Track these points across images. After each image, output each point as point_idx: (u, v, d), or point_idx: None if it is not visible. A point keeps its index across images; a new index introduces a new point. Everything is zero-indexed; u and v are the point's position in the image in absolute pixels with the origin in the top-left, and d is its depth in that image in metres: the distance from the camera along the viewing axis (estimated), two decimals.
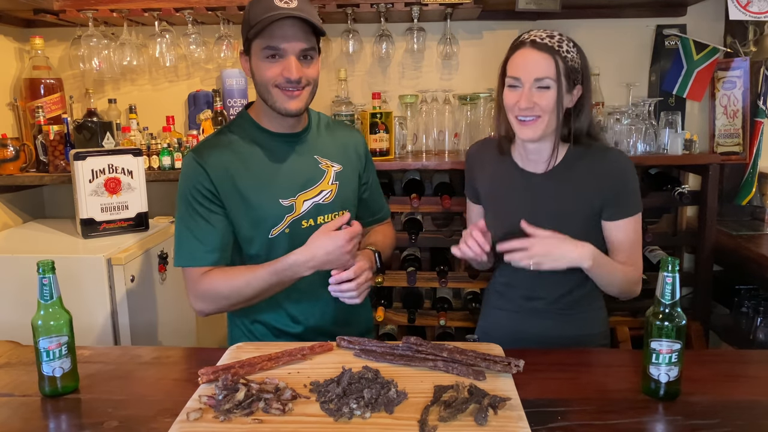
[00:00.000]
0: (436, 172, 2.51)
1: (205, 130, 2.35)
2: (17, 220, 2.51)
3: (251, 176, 1.43)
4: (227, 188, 1.42)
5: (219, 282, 1.40)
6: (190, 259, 1.42)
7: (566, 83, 1.38)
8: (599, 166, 1.44)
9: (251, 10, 1.37)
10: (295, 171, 1.47)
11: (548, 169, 1.47)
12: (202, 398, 1.09)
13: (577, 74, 1.40)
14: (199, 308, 1.44)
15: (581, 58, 1.41)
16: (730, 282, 2.44)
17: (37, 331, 1.16)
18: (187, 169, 1.44)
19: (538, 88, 1.37)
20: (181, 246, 1.44)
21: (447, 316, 2.39)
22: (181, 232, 1.45)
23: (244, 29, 1.39)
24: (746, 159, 2.52)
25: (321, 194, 1.49)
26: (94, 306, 1.93)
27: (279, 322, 1.52)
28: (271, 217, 1.44)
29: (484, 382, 1.14)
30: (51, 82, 2.42)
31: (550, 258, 1.34)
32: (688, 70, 2.50)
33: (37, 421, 1.11)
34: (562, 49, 1.37)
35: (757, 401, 1.13)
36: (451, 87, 2.56)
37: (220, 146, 1.45)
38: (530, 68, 1.36)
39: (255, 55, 1.38)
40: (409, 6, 2.29)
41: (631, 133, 2.33)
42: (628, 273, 1.44)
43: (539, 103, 1.37)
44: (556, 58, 1.35)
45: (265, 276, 1.38)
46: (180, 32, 2.45)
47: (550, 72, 1.35)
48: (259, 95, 1.43)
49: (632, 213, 1.44)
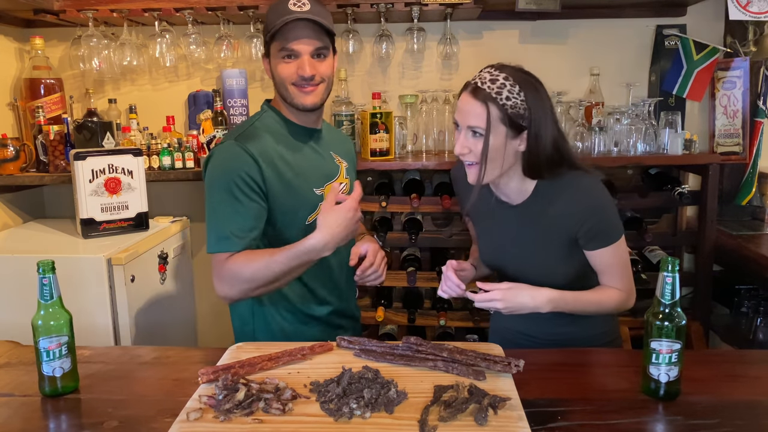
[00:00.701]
0: (436, 172, 2.51)
1: (205, 130, 2.36)
2: (17, 220, 2.51)
3: (291, 165, 1.51)
4: (273, 175, 1.46)
5: (241, 264, 1.41)
6: (222, 244, 1.43)
7: (506, 129, 1.33)
8: (570, 199, 1.40)
9: (269, 16, 1.49)
10: (320, 163, 1.59)
11: (518, 203, 1.47)
12: (202, 398, 1.09)
13: (523, 120, 1.33)
14: (222, 293, 1.44)
15: (528, 100, 1.33)
16: (730, 282, 2.44)
17: (37, 331, 1.16)
18: (232, 156, 1.45)
19: (473, 134, 1.35)
20: (214, 231, 1.44)
21: (447, 316, 2.39)
22: (215, 217, 1.44)
23: (264, 34, 1.52)
24: (746, 159, 2.52)
25: (341, 186, 1.63)
26: (94, 306, 1.93)
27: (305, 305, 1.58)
28: (309, 204, 1.53)
29: (484, 382, 1.14)
30: (51, 82, 2.42)
31: (509, 309, 1.35)
32: (688, 70, 2.50)
33: (37, 421, 1.11)
34: (500, 96, 1.31)
35: (757, 401, 1.13)
36: (451, 87, 2.56)
37: (260, 135, 1.50)
38: (464, 115, 1.36)
39: (273, 57, 1.50)
40: (409, 6, 2.29)
41: (631, 133, 2.33)
42: (611, 297, 1.44)
43: (473, 149, 1.36)
44: (490, 106, 1.31)
45: (283, 259, 1.40)
46: (180, 32, 2.45)
47: (480, 121, 1.32)
48: (279, 94, 1.55)
49: (611, 242, 1.41)
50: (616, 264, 1.44)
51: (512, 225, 1.48)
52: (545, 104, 1.36)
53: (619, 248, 1.43)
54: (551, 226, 1.42)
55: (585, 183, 1.41)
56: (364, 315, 2.41)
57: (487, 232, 1.57)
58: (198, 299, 2.62)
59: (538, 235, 1.44)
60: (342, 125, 2.35)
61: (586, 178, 1.42)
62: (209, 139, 2.34)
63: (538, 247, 1.45)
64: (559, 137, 1.40)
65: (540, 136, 1.35)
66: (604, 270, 1.44)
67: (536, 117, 1.34)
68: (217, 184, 1.44)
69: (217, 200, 1.44)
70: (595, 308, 1.44)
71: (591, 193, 1.40)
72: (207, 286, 2.65)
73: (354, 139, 2.38)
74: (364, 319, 2.41)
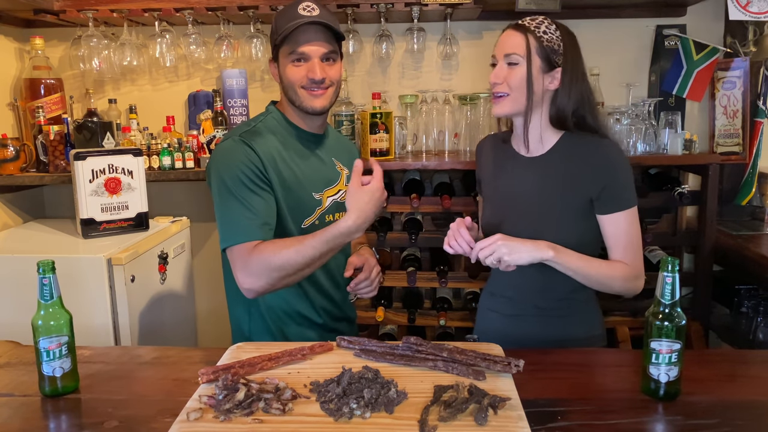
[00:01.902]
0: (436, 172, 2.51)
1: (205, 130, 2.36)
2: (17, 220, 2.51)
3: (291, 167, 1.51)
4: (274, 175, 1.46)
5: (270, 253, 1.36)
6: (242, 235, 1.39)
7: (541, 62, 1.40)
8: (589, 157, 1.43)
9: (277, 21, 1.49)
10: (321, 169, 1.59)
11: (529, 150, 1.49)
12: (202, 398, 1.09)
13: (557, 56, 1.41)
14: (249, 285, 1.38)
15: (565, 41, 1.42)
16: (730, 282, 2.44)
17: (37, 331, 1.16)
18: (235, 151, 1.44)
19: (508, 64, 1.42)
20: (230, 224, 1.41)
21: (447, 316, 2.39)
22: (230, 210, 1.41)
23: (272, 39, 1.52)
24: (746, 159, 2.52)
25: (339, 193, 1.60)
26: (94, 306, 1.93)
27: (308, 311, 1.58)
28: (307, 208, 1.53)
29: (484, 382, 1.14)
30: (51, 82, 2.42)
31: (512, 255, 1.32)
32: (687, 70, 2.50)
33: (37, 421, 1.11)
34: (538, 30, 1.40)
35: (757, 401, 1.13)
36: (451, 87, 2.56)
37: (263, 134, 1.50)
38: (502, 46, 1.44)
39: (282, 61, 1.50)
40: (409, 6, 2.29)
41: (631, 133, 2.33)
42: (617, 269, 1.42)
43: (508, 79, 1.41)
44: (528, 36, 1.39)
45: (316, 244, 1.38)
46: (180, 32, 2.45)
47: (518, 48, 1.40)
48: (287, 97, 1.54)
49: (624, 207, 1.42)
50: (628, 234, 1.43)
51: (527, 176, 1.48)
52: (579, 54, 1.45)
53: (632, 217, 1.43)
54: (569, 181, 1.43)
55: (607, 144, 1.45)
56: (364, 315, 2.41)
57: (497, 187, 1.56)
58: (198, 299, 2.62)
59: (553, 189, 1.45)
60: (342, 125, 2.35)
61: (609, 141, 1.46)
62: (209, 139, 2.34)
63: (551, 201, 1.44)
64: (589, 93, 1.46)
65: (571, 79, 1.42)
66: (615, 241, 1.43)
67: (570, 58, 1.42)
68: (228, 177, 1.42)
69: (227, 193, 1.41)
70: (597, 272, 1.40)
71: (612, 155, 1.43)
72: (207, 286, 2.66)
73: (354, 139, 2.38)
74: (364, 319, 2.42)
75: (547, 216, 1.44)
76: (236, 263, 1.40)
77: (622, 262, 1.43)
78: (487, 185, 1.62)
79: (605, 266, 1.42)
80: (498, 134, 1.65)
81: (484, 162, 1.63)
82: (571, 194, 1.44)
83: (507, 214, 1.50)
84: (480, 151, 1.67)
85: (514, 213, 1.49)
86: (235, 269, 1.40)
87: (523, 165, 1.50)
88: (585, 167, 1.43)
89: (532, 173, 1.48)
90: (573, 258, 1.38)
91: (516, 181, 1.51)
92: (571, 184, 1.44)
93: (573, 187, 1.43)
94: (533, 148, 1.49)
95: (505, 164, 1.55)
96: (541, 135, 1.47)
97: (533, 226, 1.43)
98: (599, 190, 1.41)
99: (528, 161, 1.50)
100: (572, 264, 1.38)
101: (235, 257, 1.40)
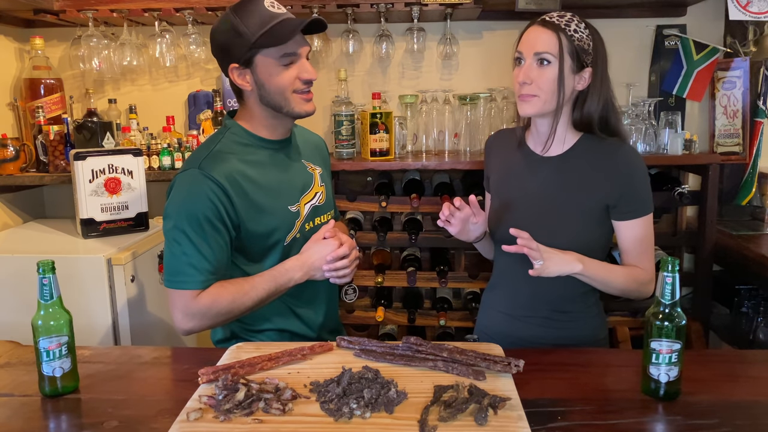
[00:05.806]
0: (436, 172, 2.51)
1: (205, 130, 2.36)
2: (17, 220, 2.51)
3: (261, 186, 1.42)
4: (243, 201, 1.38)
5: (215, 298, 1.35)
6: (190, 282, 1.35)
7: (572, 62, 1.36)
8: (607, 162, 1.40)
9: (243, 23, 1.34)
10: (294, 177, 1.51)
11: (548, 150, 1.45)
12: (202, 398, 1.09)
13: (587, 56, 1.37)
14: (189, 327, 1.37)
15: (594, 41, 1.38)
16: (730, 282, 2.44)
17: (37, 331, 1.16)
18: (197, 186, 1.35)
19: (538, 62, 1.36)
20: (178, 267, 1.35)
21: (447, 316, 2.38)
22: (181, 251, 1.35)
23: (241, 43, 1.35)
24: (746, 159, 2.52)
25: (316, 196, 1.54)
26: (94, 306, 1.93)
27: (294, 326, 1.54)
28: (285, 224, 1.46)
29: (484, 382, 1.14)
30: (51, 82, 2.42)
31: (547, 263, 1.30)
32: (688, 70, 2.50)
33: (37, 421, 1.11)
34: (569, 28, 1.35)
35: (757, 401, 1.13)
36: (451, 87, 2.56)
37: (225, 158, 1.39)
38: (532, 42, 1.37)
39: (265, 65, 1.37)
40: (409, 6, 2.29)
41: (631, 133, 2.32)
42: (632, 273, 1.41)
43: (538, 79, 1.36)
44: (560, 35, 1.35)
45: (264, 284, 1.39)
46: (180, 32, 2.45)
47: (551, 47, 1.35)
48: (269, 104, 1.41)
49: (640, 214, 1.41)
50: (644, 239, 1.42)
51: (542, 175, 1.46)
52: (606, 53, 1.41)
53: (649, 223, 1.42)
54: (585, 184, 1.41)
55: (627, 149, 1.43)
56: (365, 315, 2.42)
57: (510, 186, 1.52)
58: None
59: (569, 190, 1.42)
60: (342, 125, 2.35)
61: (629, 147, 1.44)
62: None
63: (565, 201, 1.42)
64: (612, 94, 1.43)
65: (600, 79, 1.39)
66: (631, 247, 1.42)
67: (599, 58, 1.38)
68: (186, 216, 1.34)
69: (180, 231, 1.34)
70: (616, 280, 1.39)
71: (632, 160, 1.41)
72: None
73: (354, 139, 2.38)
74: (364, 319, 2.42)
75: (560, 216, 1.42)
76: (176, 304, 1.37)
77: (638, 267, 1.42)
78: (496, 182, 1.59)
79: (625, 273, 1.41)
80: (508, 131, 1.63)
81: (494, 158, 1.60)
82: (586, 197, 1.42)
83: (518, 211, 1.48)
84: (490, 146, 1.64)
85: (526, 211, 1.47)
86: (174, 309, 1.37)
87: (538, 163, 1.48)
88: (603, 172, 1.40)
89: (547, 173, 1.46)
90: (598, 269, 1.37)
91: (529, 180, 1.48)
92: (587, 187, 1.42)
93: (589, 190, 1.42)
94: (553, 148, 1.46)
95: (518, 162, 1.52)
96: (564, 136, 1.44)
97: (546, 225, 1.42)
98: (617, 198, 1.40)
99: (543, 160, 1.47)
100: (597, 275, 1.37)
101: (175, 298, 1.36)
